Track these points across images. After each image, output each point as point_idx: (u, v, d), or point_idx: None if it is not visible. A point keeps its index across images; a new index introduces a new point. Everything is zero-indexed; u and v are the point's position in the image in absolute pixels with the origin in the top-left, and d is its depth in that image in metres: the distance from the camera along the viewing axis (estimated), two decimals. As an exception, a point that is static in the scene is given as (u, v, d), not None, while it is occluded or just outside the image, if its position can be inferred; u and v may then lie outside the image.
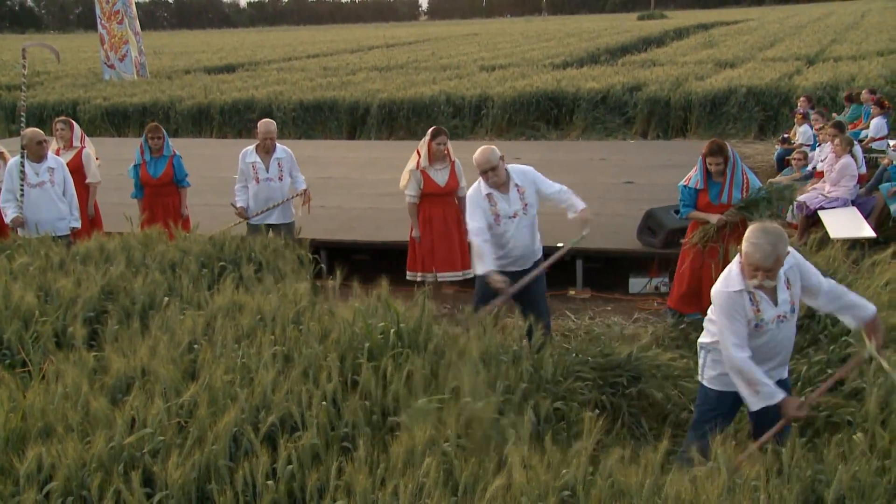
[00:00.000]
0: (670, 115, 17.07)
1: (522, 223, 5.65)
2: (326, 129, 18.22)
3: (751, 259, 3.78)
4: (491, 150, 5.58)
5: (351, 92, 19.22)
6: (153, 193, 8.18)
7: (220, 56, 34.65)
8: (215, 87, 21.00)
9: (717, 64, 22.02)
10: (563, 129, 17.75)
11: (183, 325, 4.64)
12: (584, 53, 27.48)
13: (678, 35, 38.59)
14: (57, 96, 20.96)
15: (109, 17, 24.88)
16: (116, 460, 3.40)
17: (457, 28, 67.51)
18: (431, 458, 3.16)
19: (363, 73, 24.15)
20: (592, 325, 7.35)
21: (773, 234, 3.77)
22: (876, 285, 5.27)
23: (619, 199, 10.26)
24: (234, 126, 18.65)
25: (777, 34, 33.01)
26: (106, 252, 6.13)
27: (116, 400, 3.94)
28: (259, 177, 7.57)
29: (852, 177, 9.10)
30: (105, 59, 25.19)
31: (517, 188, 5.62)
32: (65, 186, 7.60)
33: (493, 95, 18.10)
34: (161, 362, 4.14)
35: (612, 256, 8.54)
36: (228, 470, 3.36)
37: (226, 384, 3.86)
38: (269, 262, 6.09)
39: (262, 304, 4.90)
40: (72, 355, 4.36)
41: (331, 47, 40.22)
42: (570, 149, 15.22)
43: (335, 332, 4.46)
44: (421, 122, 17.87)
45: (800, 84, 16.84)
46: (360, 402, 3.86)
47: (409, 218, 7.59)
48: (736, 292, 3.91)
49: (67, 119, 8.73)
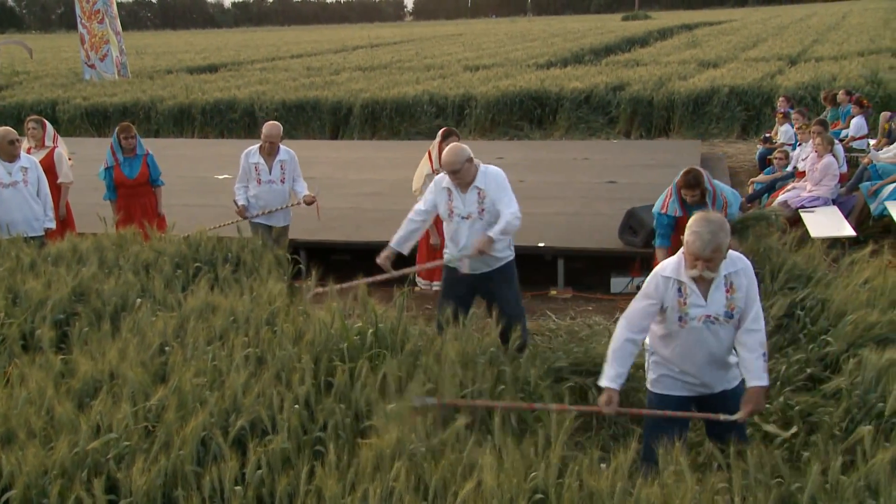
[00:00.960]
0: (653, 115, 17.03)
1: (476, 226, 5.40)
2: (309, 128, 18.08)
3: (690, 248, 3.69)
4: (458, 151, 5.35)
5: (334, 92, 19.10)
6: (129, 194, 8.05)
7: (203, 56, 34.43)
8: (197, 87, 20.82)
9: (700, 64, 22.04)
10: (547, 129, 17.68)
11: (154, 326, 4.55)
12: (569, 53, 27.44)
13: (662, 35, 38.65)
14: (35, 96, 20.73)
15: (90, 16, 24.63)
16: (80, 467, 3.31)
17: (441, 28, 67.47)
18: (401, 463, 3.08)
19: (347, 73, 24.03)
20: (573, 324, 7.28)
21: (714, 223, 3.68)
22: (854, 284, 5.24)
23: (602, 198, 10.21)
24: (216, 126, 18.48)
25: (760, 34, 33.13)
26: (78, 253, 6.02)
27: (83, 404, 3.85)
28: (261, 178, 7.41)
29: (834, 176, 9.09)
30: (85, 59, 24.95)
31: (478, 191, 5.38)
32: (39, 186, 7.46)
33: (477, 95, 18.01)
34: (130, 365, 4.04)
35: (594, 256, 8.48)
36: (196, 475, 3.28)
37: (195, 387, 3.77)
38: (245, 263, 6.00)
39: (235, 305, 4.82)
40: (38, 358, 4.26)
41: (315, 47, 40.05)
42: (553, 148, 15.19)
43: (310, 333, 4.37)
44: (404, 122, 17.81)
45: (782, 84, 16.87)
46: (335, 404, 3.78)
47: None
48: (664, 277, 3.84)
49: (39, 118, 8.60)
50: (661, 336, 3.98)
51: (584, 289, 8.24)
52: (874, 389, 3.99)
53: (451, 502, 2.94)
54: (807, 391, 4.62)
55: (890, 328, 4.63)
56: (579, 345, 5.70)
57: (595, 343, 5.80)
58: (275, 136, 7.38)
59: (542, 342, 6.63)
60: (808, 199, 9.10)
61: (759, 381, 3.78)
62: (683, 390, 4.01)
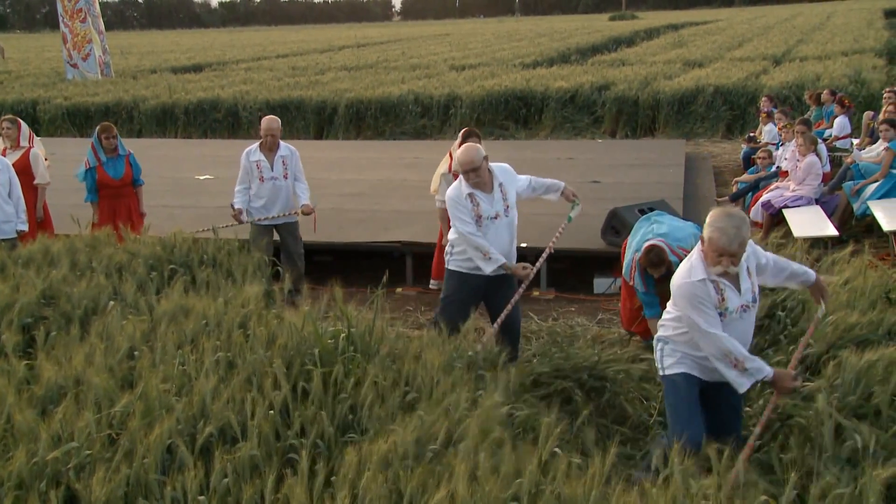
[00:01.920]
0: (639, 115, 17.05)
1: (503, 224, 5.35)
2: (293, 128, 17.94)
3: (716, 244, 3.69)
4: (476, 149, 5.27)
5: (318, 92, 19.00)
6: (113, 195, 7.95)
7: (188, 56, 34.26)
8: (180, 87, 20.68)
9: (686, 63, 22.06)
10: (532, 129, 17.63)
11: (123, 331, 4.44)
12: (555, 53, 27.42)
13: (648, 35, 38.74)
14: (16, 95, 20.54)
15: (72, 15, 24.44)
16: (38, 477, 3.20)
17: (429, 28, 67.40)
18: (373, 471, 2.99)
19: (332, 72, 23.93)
20: (555, 326, 7.22)
21: (737, 218, 3.71)
22: (834, 284, 5.17)
23: (586, 198, 9.96)
24: (199, 126, 18.34)
25: (745, 34, 33.21)
26: (50, 255, 5.89)
27: (47, 411, 3.74)
28: (264, 175, 7.28)
29: (817, 175, 9.07)
30: (68, 59, 24.76)
31: (500, 187, 5.33)
32: (10, 187, 7.34)
33: (462, 95, 17.96)
34: (96, 371, 3.93)
35: (577, 256, 8.42)
36: (160, 484, 3.18)
37: (162, 393, 3.66)
38: (222, 265, 5.88)
39: (208, 308, 4.71)
40: (1, 364, 4.14)
41: (301, 47, 39.92)
42: (538, 148, 15.12)
43: (282, 337, 4.26)
44: (389, 122, 17.74)
45: (766, 83, 16.88)
46: (307, 410, 3.68)
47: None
48: (700, 281, 3.82)
49: (14, 118, 8.47)
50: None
51: (568, 289, 8.18)
52: (853, 392, 3.93)
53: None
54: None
55: (870, 329, 4.57)
56: (560, 349, 5.62)
57: (576, 347, 5.73)
58: (275, 130, 7.27)
59: (523, 344, 6.56)
60: (791, 198, 9.06)
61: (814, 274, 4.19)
62: (704, 374, 4.04)
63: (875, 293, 5.03)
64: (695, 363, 4.04)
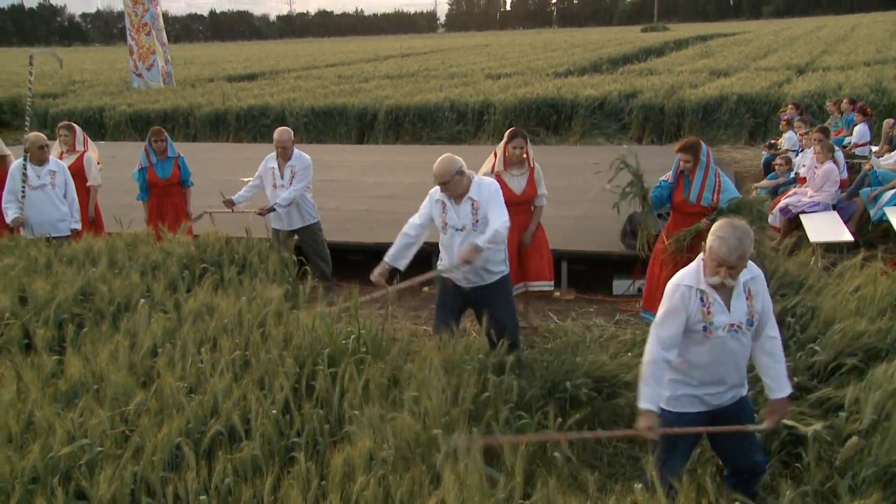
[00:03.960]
0: (664, 121, 16.63)
1: (470, 238, 4.99)
2: (336, 133, 17.89)
3: (715, 253, 3.39)
4: (449, 162, 4.94)
5: (361, 98, 18.90)
6: (161, 194, 7.97)
7: (244, 66, 34.43)
8: (233, 95, 20.74)
9: (712, 73, 21.54)
10: (562, 135, 17.34)
11: (149, 329, 4.34)
12: (587, 63, 26.99)
13: (677, 46, 38.00)
14: (85, 103, 20.76)
15: (138, 29, 24.71)
16: (52, 472, 3.11)
17: (471, 39, 67.04)
18: (367, 476, 2.84)
19: (375, 81, 23.82)
20: (573, 326, 7.00)
21: (740, 230, 3.39)
22: (845, 291, 4.90)
23: (607, 201, 9.81)
24: (250, 131, 18.35)
25: (771, 45, 32.43)
26: (92, 253, 5.84)
27: (72, 406, 3.65)
28: (276, 182, 7.22)
29: (834, 182, 8.71)
30: (134, 69, 25.03)
31: (472, 202, 5.00)
32: (66, 189, 7.39)
33: (496, 102, 17.71)
34: (118, 368, 3.84)
35: (597, 259, 8.19)
36: (164, 482, 3.06)
37: (176, 391, 3.54)
38: (251, 265, 5.78)
39: (231, 308, 4.60)
40: (33, 359, 4.07)
41: (349, 57, 39.94)
42: (566, 153, 14.86)
43: (297, 337, 4.14)
44: (426, 128, 17.57)
45: (789, 92, 16.39)
46: (314, 410, 3.55)
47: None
48: (686, 286, 3.51)
49: (70, 124, 8.48)
50: (684, 350, 3.61)
51: (587, 291, 7.95)
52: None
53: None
54: (793, 400, 4.30)
55: (878, 337, 4.30)
56: (573, 353, 5.39)
57: (589, 352, 5.50)
58: (285, 142, 7.18)
59: (540, 343, 6.37)
60: (808, 204, 8.71)
61: (785, 390, 3.57)
62: (701, 406, 3.68)
63: (885, 301, 4.75)
64: (690, 399, 3.68)
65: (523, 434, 3.66)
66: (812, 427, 3.76)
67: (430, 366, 3.88)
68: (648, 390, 3.50)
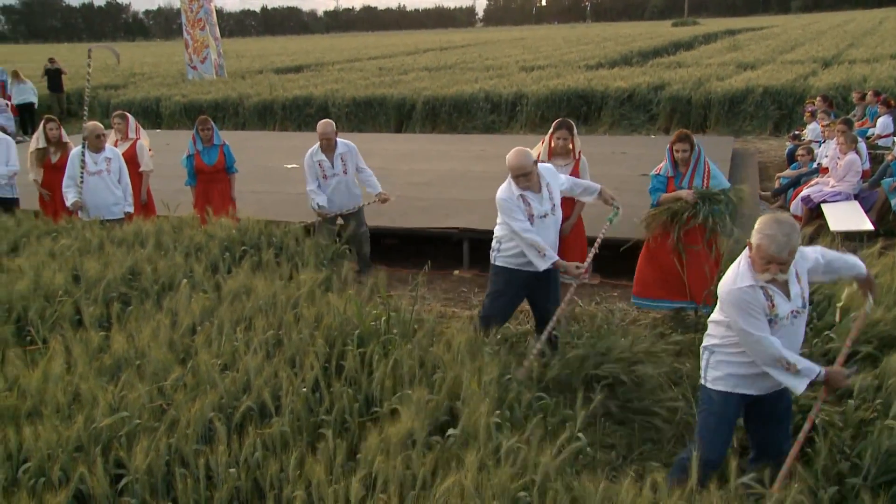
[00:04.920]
0: (691, 113, 16.31)
1: (550, 222, 4.96)
2: (376, 123, 17.85)
3: (764, 251, 3.25)
4: (525, 154, 4.84)
5: (400, 89, 18.81)
6: (207, 180, 8.01)
7: (291, 58, 34.48)
8: (280, 86, 20.78)
9: (739, 66, 21.04)
10: (592, 125, 17.09)
11: (189, 308, 4.34)
12: (618, 56, 26.52)
13: (706, 40, 37.21)
14: (143, 94, 20.98)
15: (193, 24, 24.85)
16: (94, 442, 3.12)
17: (507, 33, 66.40)
18: (386, 457, 2.79)
19: (414, 73, 23.69)
20: (598, 310, 6.89)
21: (787, 225, 3.27)
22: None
23: (633, 190, 9.68)
24: (294, 120, 18.38)
25: (798, 39, 31.59)
26: (140, 236, 5.88)
27: (115, 380, 3.66)
28: (326, 174, 7.13)
29: (857, 172, 8.46)
30: (189, 62, 25.23)
31: (547, 187, 4.95)
32: (120, 175, 7.48)
33: (529, 93, 17.52)
34: (159, 345, 3.84)
35: (622, 245, 8.05)
36: (196, 455, 3.05)
37: (210, 368, 3.53)
38: (287, 248, 5.76)
39: (267, 289, 4.58)
40: (82, 335, 4.10)
41: (390, 50, 39.81)
42: (595, 143, 14.61)
43: (328, 318, 4.10)
44: (461, 118, 17.45)
45: (814, 84, 15.95)
46: (343, 388, 3.51)
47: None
48: (749, 287, 3.36)
49: (124, 113, 8.55)
50: None
51: (612, 276, 7.83)
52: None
53: (431, 497, 2.64)
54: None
55: (893, 325, 4.15)
56: (596, 335, 5.30)
57: (611, 334, 5.39)
58: (329, 133, 7.12)
59: (566, 326, 6.27)
60: (830, 194, 8.48)
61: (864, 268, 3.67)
62: (751, 388, 3.55)
63: (902, 290, 4.58)
64: (740, 380, 3.56)
65: None
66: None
67: (457, 348, 3.84)
68: (805, 363, 3.37)
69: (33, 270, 5.00)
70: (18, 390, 3.53)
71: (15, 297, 4.63)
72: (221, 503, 2.88)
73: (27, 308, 4.53)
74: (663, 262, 6.10)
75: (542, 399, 3.86)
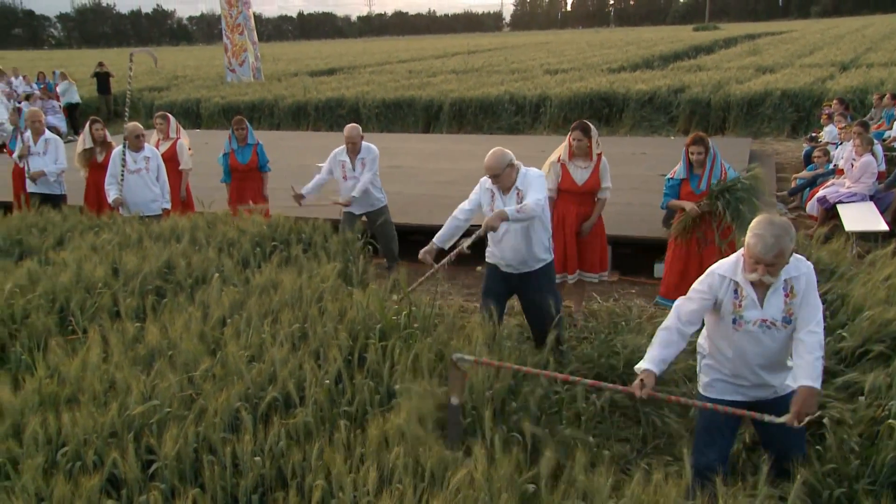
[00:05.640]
0: (710, 115, 16.08)
1: (514, 226, 4.81)
2: (405, 124, 17.83)
3: (752, 251, 3.06)
4: (500, 155, 4.76)
5: (428, 92, 18.76)
6: (240, 178, 8.08)
7: (325, 62, 34.56)
8: (314, 88, 20.84)
9: (758, 69, 20.68)
10: (613, 126, 16.93)
11: (220, 301, 4.36)
12: (640, 60, 26.21)
13: (727, 44, 36.66)
14: (185, 95, 21.16)
15: (232, 29, 25.03)
16: (127, 429, 3.13)
17: (533, 38, 65.97)
18: (400, 448, 2.77)
19: (442, 75, 23.62)
20: (615, 306, 6.81)
21: (778, 227, 3.03)
22: (875, 280, 4.60)
23: (652, 190, 9.58)
24: (327, 121, 18.42)
25: (817, 43, 30.99)
26: (177, 231, 5.91)
27: (148, 370, 3.68)
28: (347, 174, 7.14)
29: (872, 174, 8.28)
30: (228, 65, 25.41)
31: (517, 192, 4.83)
32: (158, 172, 7.54)
33: (552, 95, 17.39)
34: (190, 336, 3.86)
35: (640, 243, 7.97)
36: (224, 443, 3.05)
37: (237, 360, 3.53)
38: (315, 244, 5.76)
39: (294, 283, 4.58)
40: (118, 326, 4.13)
41: (420, 54, 39.73)
42: (616, 144, 14.46)
43: (351, 312, 4.09)
44: (486, 119, 17.38)
45: (831, 88, 15.65)
46: (365, 381, 3.49)
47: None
48: (721, 275, 3.21)
49: (165, 114, 8.62)
50: (715, 338, 3.36)
51: (630, 273, 7.75)
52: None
53: (442, 489, 2.61)
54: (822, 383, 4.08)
55: (906, 325, 4.03)
56: (613, 332, 5.23)
57: (627, 331, 5.33)
58: (354, 138, 7.13)
59: (581, 321, 6.21)
60: (845, 194, 8.30)
61: (812, 381, 3.05)
62: (737, 395, 3.38)
63: (915, 291, 4.45)
64: (727, 386, 3.38)
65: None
66: None
67: (474, 342, 3.80)
68: (652, 352, 3.24)
69: (76, 263, 5.06)
70: (59, 377, 3.57)
71: (58, 289, 4.69)
72: (247, 490, 2.88)
73: (69, 299, 4.58)
74: (685, 264, 6.02)
75: (557, 393, 3.82)
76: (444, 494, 2.57)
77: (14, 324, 4.34)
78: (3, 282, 4.71)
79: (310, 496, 2.73)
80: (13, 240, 5.97)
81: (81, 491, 2.75)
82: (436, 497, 2.54)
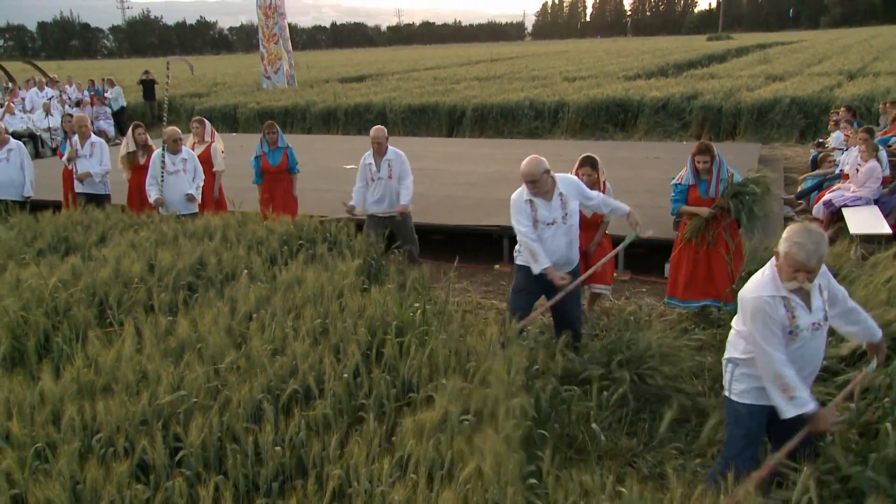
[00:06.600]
0: (722, 121, 15.84)
1: (559, 231, 4.80)
2: (429, 128, 17.80)
3: (793, 259, 3.01)
4: (537, 162, 4.72)
5: (451, 98, 18.71)
6: (271, 179, 8.09)
7: (356, 69, 34.60)
8: (343, 94, 20.88)
9: (768, 77, 20.36)
10: (628, 132, 16.76)
11: (247, 297, 4.35)
12: (655, 68, 25.90)
13: (738, 53, 36.11)
14: (223, 101, 21.32)
15: (269, 38, 25.17)
16: (156, 418, 3.14)
17: (553, 46, 65.51)
18: (416, 440, 2.74)
19: (465, 82, 23.54)
20: (626, 304, 6.73)
21: (816, 234, 3.04)
22: (876, 282, 4.48)
23: (665, 192, 9.30)
24: (355, 125, 18.45)
25: (826, 53, 30.42)
26: (209, 230, 5.93)
27: (179, 361, 3.68)
28: (373, 177, 7.12)
29: (877, 179, 8.09)
30: (263, 72, 25.55)
31: (560, 196, 4.79)
32: (195, 174, 7.59)
33: (570, 101, 17.25)
34: (218, 330, 3.86)
35: (652, 243, 7.84)
36: (246, 433, 3.04)
37: (261, 353, 3.52)
38: (340, 243, 5.75)
39: (316, 280, 4.57)
40: (152, 319, 4.14)
41: (445, 61, 39.64)
42: (630, 148, 14.32)
43: (370, 308, 4.06)
44: (507, 124, 17.29)
45: (839, 95, 15.35)
46: (382, 375, 3.46)
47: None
48: (769, 297, 3.11)
49: (202, 118, 8.67)
50: None
51: (641, 272, 7.65)
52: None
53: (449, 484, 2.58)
54: (821, 381, 3.99)
55: (907, 327, 3.92)
56: (624, 329, 5.15)
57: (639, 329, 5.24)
58: (379, 138, 7.09)
59: (595, 321, 6.14)
60: (851, 198, 8.12)
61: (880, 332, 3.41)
62: (769, 400, 3.27)
63: (917, 294, 4.32)
64: (760, 392, 3.29)
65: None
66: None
67: (490, 339, 3.76)
68: (802, 393, 3.09)
69: (115, 259, 5.09)
70: (95, 367, 3.58)
71: (98, 284, 4.71)
72: (268, 478, 2.87)
73: (108, 293, 4.60)
74: (692, 265, 5.93)
75: (570, 390, 3.77)
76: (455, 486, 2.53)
77: (57, 316, 4.38)
78: (49, 276, 4.76)
79: (327, 486, 2.71)
80: (60, 237, 6.03)
81: (113, 476, 2.75)
82: (446, 489, 2.50)
